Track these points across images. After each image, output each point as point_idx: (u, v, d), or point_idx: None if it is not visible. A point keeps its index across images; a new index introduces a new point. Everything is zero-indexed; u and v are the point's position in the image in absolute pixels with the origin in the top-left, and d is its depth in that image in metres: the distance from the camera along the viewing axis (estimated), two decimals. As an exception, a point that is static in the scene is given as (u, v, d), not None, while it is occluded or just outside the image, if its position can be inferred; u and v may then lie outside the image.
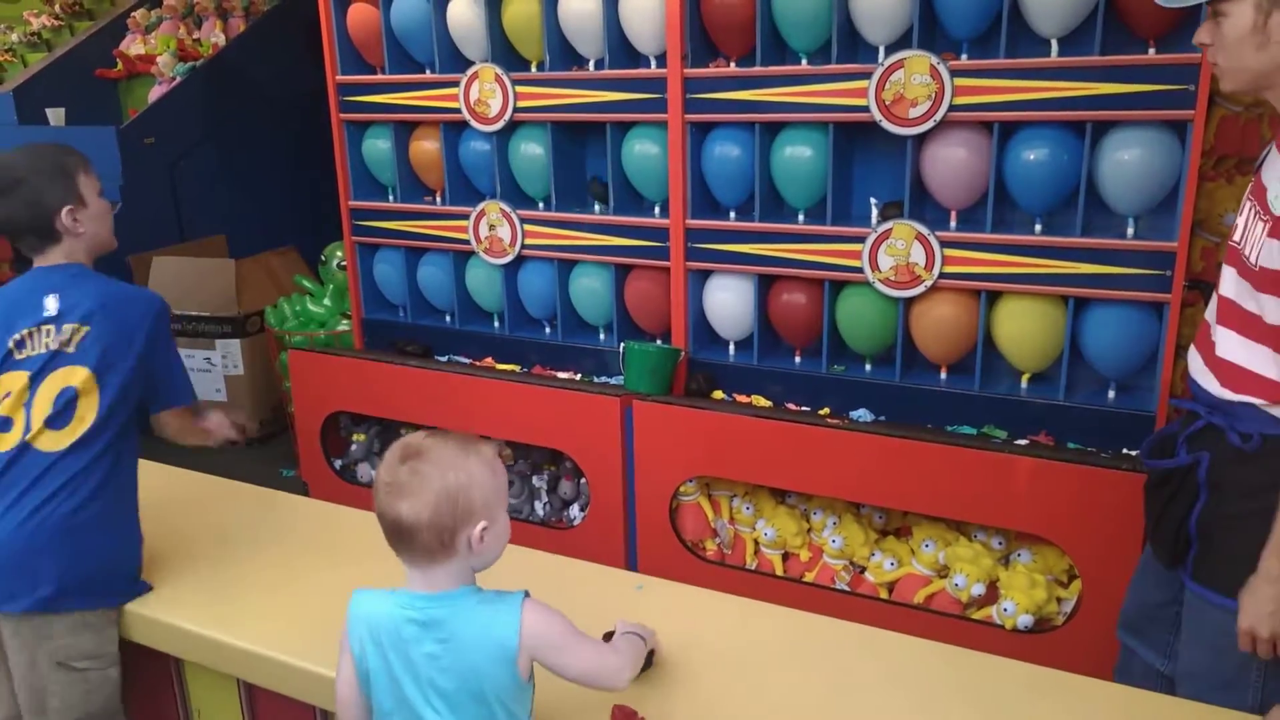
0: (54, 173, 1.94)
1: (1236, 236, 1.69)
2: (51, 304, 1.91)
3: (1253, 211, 1.65)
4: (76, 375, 1.88)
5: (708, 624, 1.84)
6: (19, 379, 1.88)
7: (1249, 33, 1.53)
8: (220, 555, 2.16)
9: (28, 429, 1.86)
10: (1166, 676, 1.88)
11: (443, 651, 1.35)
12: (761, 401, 2.94)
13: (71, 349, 1.89)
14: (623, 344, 3.05)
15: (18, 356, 1.89)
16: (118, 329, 1.93)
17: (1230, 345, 1.67)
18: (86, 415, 1.88)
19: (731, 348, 3.04)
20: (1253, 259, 1.61)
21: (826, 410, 2.85)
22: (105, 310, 1.92)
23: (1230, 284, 1.69)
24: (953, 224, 2.64)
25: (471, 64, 3.16)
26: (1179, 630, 1.82)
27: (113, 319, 1.93)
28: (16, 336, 1.90)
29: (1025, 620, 2.48)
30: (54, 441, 1.86)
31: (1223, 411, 1.69)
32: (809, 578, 2.86)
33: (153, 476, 2.60)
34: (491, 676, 1.35)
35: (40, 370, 1.88)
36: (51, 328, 1.90)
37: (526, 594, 1.39)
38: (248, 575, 2.08)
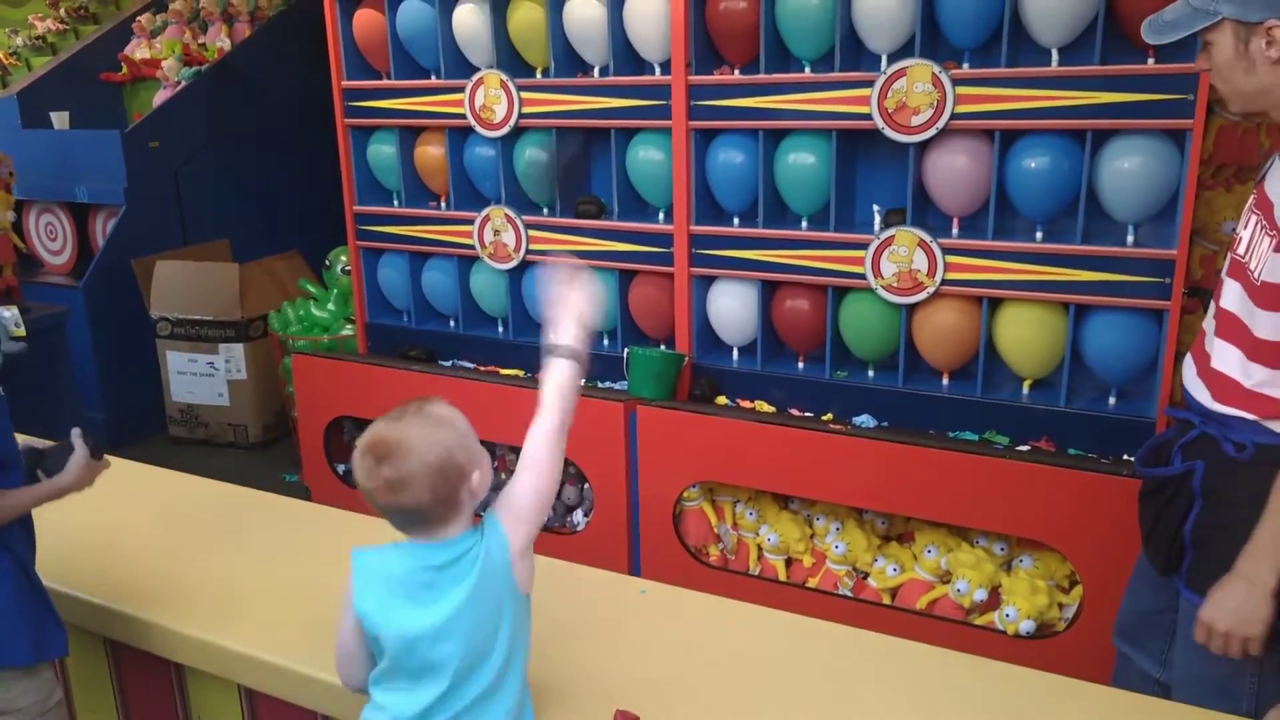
0: None
1: (1241, 250, 1.69)
2: None
3: (1259, 225, 1.65)
4: None
5: (710, 629, 1.84)
6: None
7: (1234, 58, 1.60)
8: (222, 560, 2.15)
9: None
10: (1162, 684, 1.88)
11: (459, 586, 1.37)
12: (765, 407, 2.95)
13: None
14: (627, 349, 3.06)
15: None
16: None
17: (1226, 358, 1.68)
18: None
19: (735, 353, 3.05)
20: (1257, 274, 1.62)
21: (829, 416, 2.86)
22: None
23: (1234, 298, 1.69)
24: (954, 231, 2.65)
25: (477, 70, 3.18)
26: (1174, 637, 1.83)
27: None
28: None
29: (1027, 626, 2.49)
30: None
31: (1217, 421, 1.70)
32: (812, 583, 2.87)
33: (155, 482, 2.62)
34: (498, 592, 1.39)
35: None
36: None
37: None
38: (249, 580, 2.07)
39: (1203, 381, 1.74)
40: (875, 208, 2.77)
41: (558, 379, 1.56)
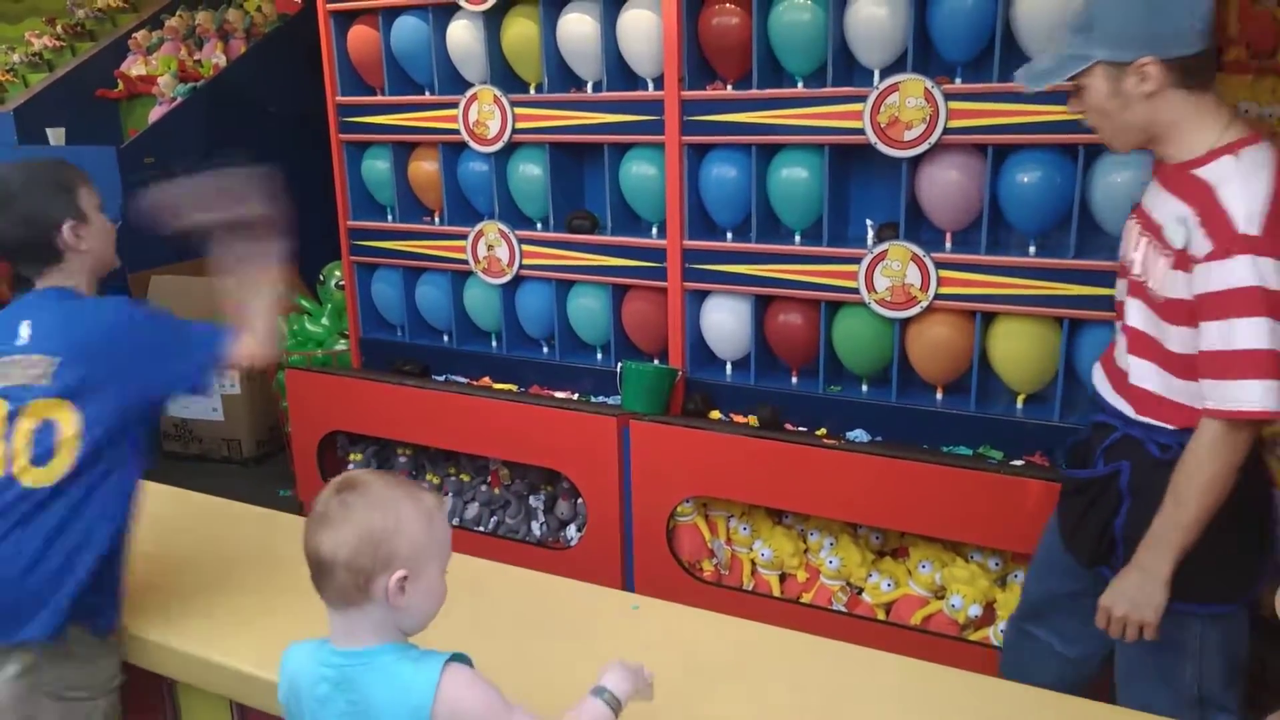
0: (53, 187, 1.85)
1: (1137, 270, 1.75)
2: (25, 331, 1.79)
3: (1150, 246, 1.71)
4: (54, 409, 1.76)
5: (704, 644, 1.83)
6: None
7: (1109, 98, 1.64)
8: (214, 575, 2.15)
9: (10, 463, 1.74)
10: (1070, 660, 1.99)
11: (352, 715, 1.25)
12: (758, 422, 2.94)
13: (46, 381, 1.76)
14: (620, 364, 3.06)
15: None
16: (89, 353, 1.79)
17: (1143, 373, 1.73)
18: (69, 451, 1.75)
19: (729, 367, 3.05)
20: (1159, 292, 1.67)
21: (823, 431, 2.86)
22: (72, 337, 1.80)
23: (1139, 317, 1.75)
24: (948, 245, 2.66)
25: (471, 85, 3.19)
26: (1081, 615, 1.86)
27: (81, 345, 1.79)
28: None
29: (1022, 641, 2.48)
30: (39, 478, 1.74)
31: (1140, 427, 1.76)
32: (806, 598, 2.86)
33: (148, 497, 2.60)
34: None
35: (17, 402, 1.76)
36: (22, 358, 1.78)
37: (456, 657, 1.27)
38: (241, 595, 2.07)
39: (1122, 396, 1.80)
40: (868, 222, 2.77)
41: (589, 714, 1.33)
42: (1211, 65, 1.64)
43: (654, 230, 3.06)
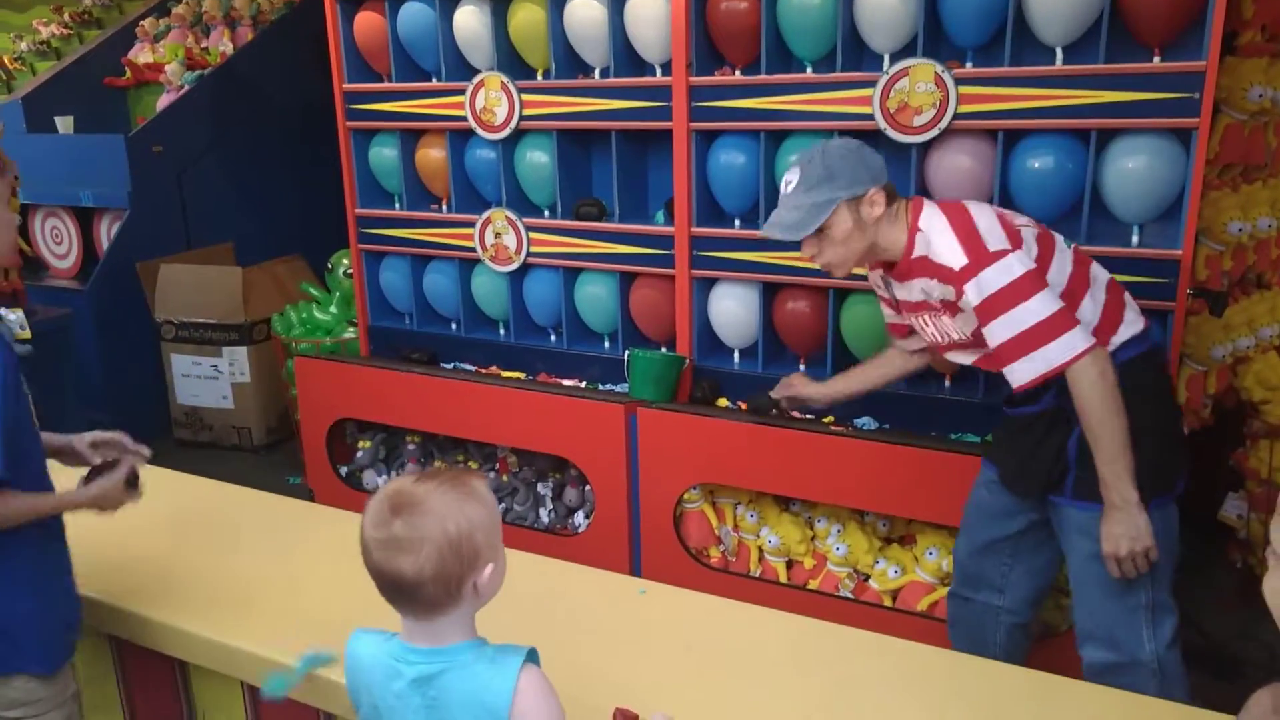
0: None
1: (942, 340, 2.11)
2: None
3: (931, 316, 2.08)
4: None
5: (710, 628, 1.84)
6: None
7: (851, 229, 2.00)
8: (226, 560, 2.16)
9: None
10: (1007, 610, 2.21)
11: (429, 711, 1.26)
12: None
13: None
14: (627, 351, 3.05)
15: None
16: None
17: (1016, 375, 1.92)
18: None
19: (736, 355, 3.04)
20: (962, 336, 2.04)
21: (830, 418, 2.85)
22: None
23: (965, 357, 2.10)
24: (957, 232, 2.64)
25: (477, 72, 3.18)
26: (1015, 558, 2.18)
27: None
28: None
29: (1030, 628, 2.48)
30: None
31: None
32: (813, 585, 2.86)
33: (161, 483, 2.62)
34: None
35: None
36: None
37: (530, 655, 1.28)
38: (253, 580, 2.08)
39: (1024, 396, 2.03)
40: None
41: None
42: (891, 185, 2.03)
43: (661, 217, 3.06)
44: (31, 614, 1.72)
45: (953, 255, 1.93)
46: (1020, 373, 1.91)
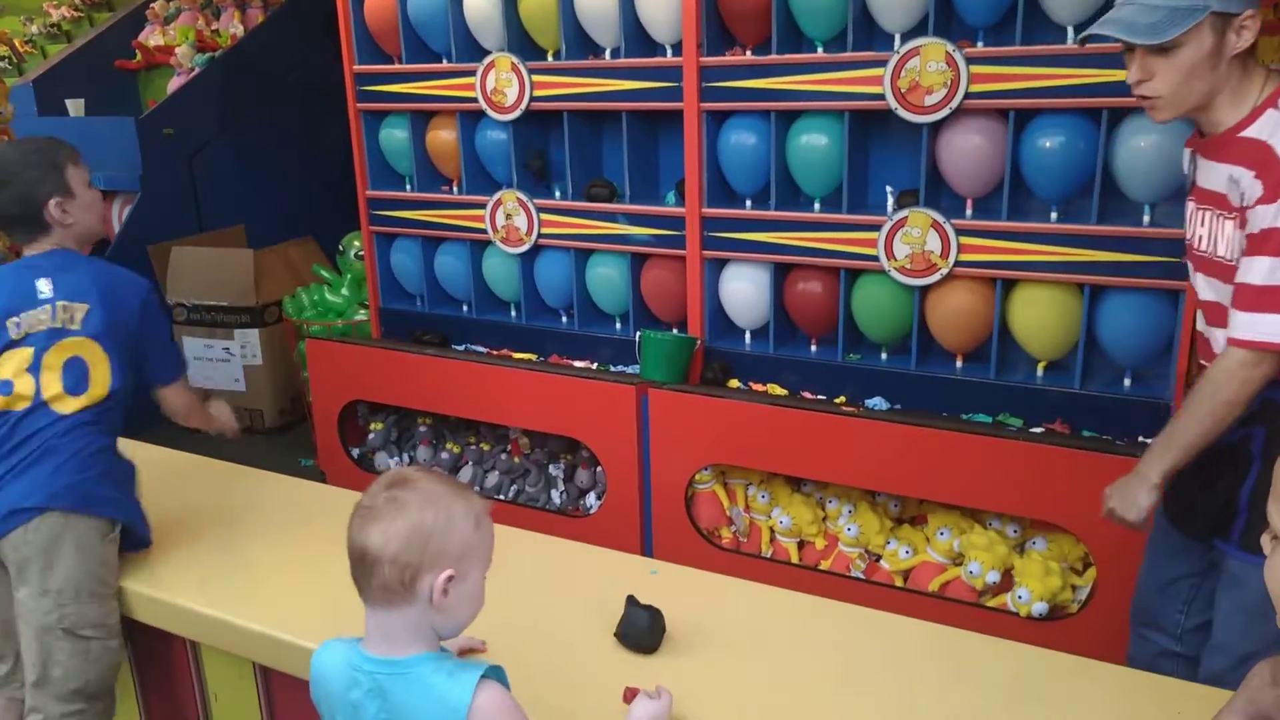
0: (44, 166, 2.05)
1: (1205, 246, 1.75)
2: (45, 287, 2.02)
3: (1213, 217, 1.72)
4: (83, 347, 2.01)
5: (720, 607, 1.85)
6: (23, 354, 1.99)
7: (1206, 57, 1.60)
8: (238, 541, 2.19)
9: (38, 394, 1.97)
10: (1182, 656, 1.93)
11: None
12: (777, 390, 2.94)
13: (74, 325, 2.01)
14: (639, 333, 3.06)
15: (15, 336, 2.00)
16: (115, 306, 2.05)
17: (1237, 325, 1.68)
18: (100, 382, 2.02)
19: (747, 336, 3.05)
20: (1231, 257, 1.68)
21: (842, 399, 2.85)
22: (101, 290, 2.05)
23: (1207, 289, 1.77)
24: (968, 212, 2.64)
25: (488, 53, 3.17)
26: (1193, 604, 1.90)
27: (109, 298, 2.05)
28: (15, 319, 2.00)
29: (1040, 608, 2.49)
30: (69, 405, 1.99)
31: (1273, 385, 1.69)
32: (824, 566, 2.87)
33: (173, 463, 2.64)
34: None
35: (44, 345, 1.99)
36: (48, 308, 2.01)
37: (490, 672, 1.25)
38: (265, 560, 2.10)
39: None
40: (888, 189, 2.76)
41: None
42: None
43: (672, 198, 3.06)
44: (138, 507, 2.11)
45: None
46: (1241, 325, 1.63)
